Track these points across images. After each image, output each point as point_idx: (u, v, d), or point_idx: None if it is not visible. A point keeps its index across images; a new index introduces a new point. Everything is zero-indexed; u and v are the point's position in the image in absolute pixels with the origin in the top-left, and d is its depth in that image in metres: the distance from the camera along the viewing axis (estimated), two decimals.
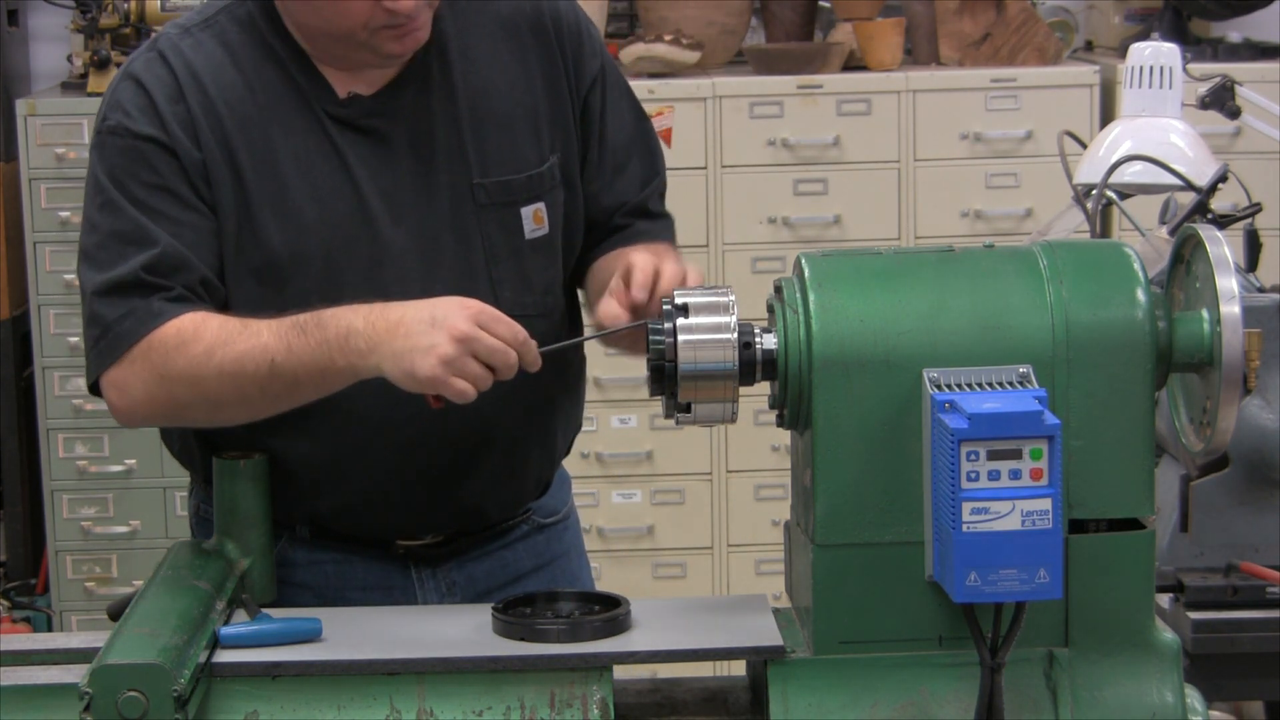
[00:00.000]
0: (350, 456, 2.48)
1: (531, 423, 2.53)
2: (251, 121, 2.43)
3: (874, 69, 5.03)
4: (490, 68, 2.51)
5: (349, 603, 2.50)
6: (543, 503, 2.67)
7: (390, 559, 2.57)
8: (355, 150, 2.45)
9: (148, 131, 2.41)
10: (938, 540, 2.04)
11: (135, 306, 2.36)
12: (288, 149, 2.43)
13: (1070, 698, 2.12)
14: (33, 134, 4.92)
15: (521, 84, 2.52)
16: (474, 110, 2.49)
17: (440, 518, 2.57)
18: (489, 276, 2.48)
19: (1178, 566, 2.78)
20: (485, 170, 2.48)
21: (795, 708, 2.12)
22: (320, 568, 2.56)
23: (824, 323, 2.10)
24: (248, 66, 2.45)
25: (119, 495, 5.01)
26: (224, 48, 2.45)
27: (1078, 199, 3.21)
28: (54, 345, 4.96)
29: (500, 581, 2.61)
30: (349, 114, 2.45)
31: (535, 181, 2.51)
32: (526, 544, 2.65)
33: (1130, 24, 5.35)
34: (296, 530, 2.55)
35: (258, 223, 2.42)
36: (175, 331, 2.35)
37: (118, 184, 2.40)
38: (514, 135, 2.51)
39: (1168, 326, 2.14)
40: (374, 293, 2.37)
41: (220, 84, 2.43)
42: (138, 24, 5.02)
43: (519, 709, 2.14)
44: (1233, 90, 3.44)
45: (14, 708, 2.12)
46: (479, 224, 2.48)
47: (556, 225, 2.54)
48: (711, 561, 4.99)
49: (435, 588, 2.58)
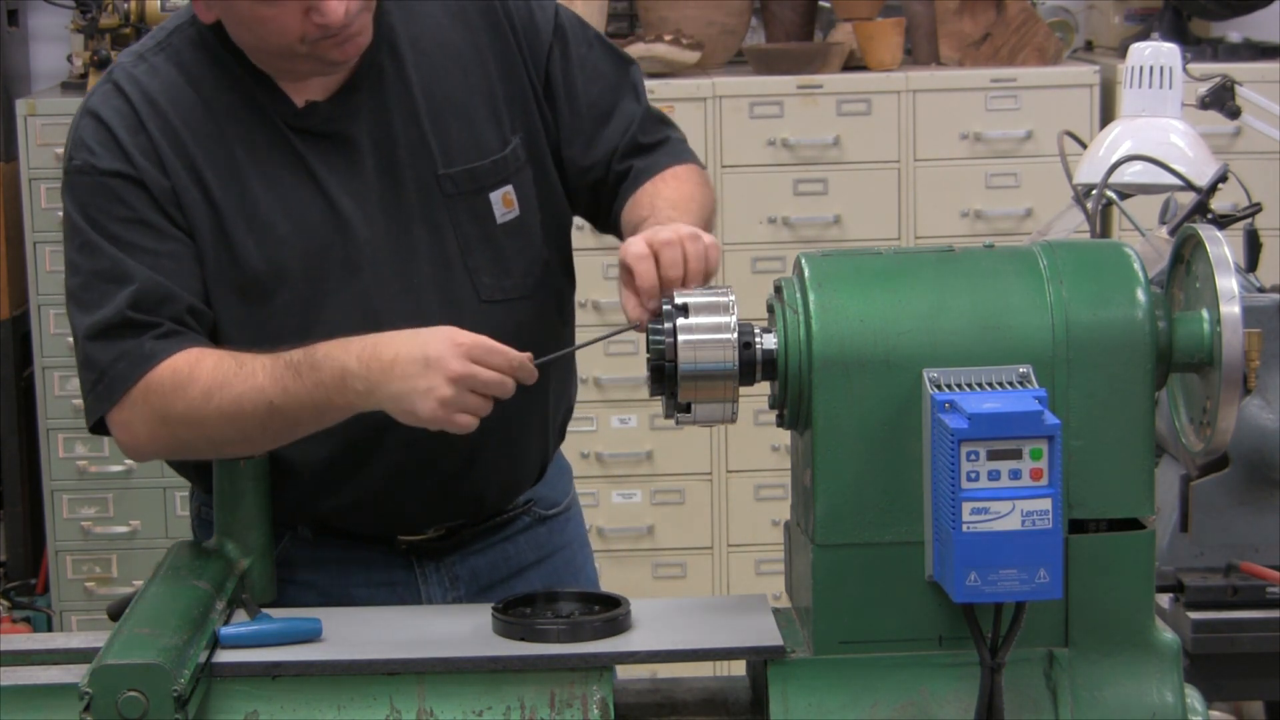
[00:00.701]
0: (351, 455, 2.48)
1: (525, 404, 2.53)
2: (214, 140, 2.43)
3: (874, 69, 5.03)
4: (442, 57, 2.51)
5: (353, 600, 2.51)
6: (543, 493, 2.67)
7: (393, 554, 2.58)
8: (319, 157, 2.45)
9: (113, 166, 2.40)
10: (938, 540, 2.04)
11: (127, 349, 2.36)
12: (252, 164, 2.43)
13: (1070, 698, 2.12)
14: (33, 134, 4.92)
15: (475, 69, 2.52)
16: (431, 101, 2.49)
17: (441, 510, 2.57)
18: (465, 265, 2.49)
19: (1178, 566, 2.78)
20: (449, 160, 2.49)
21: (795, 708, 2.12)
22: (323, 566, 2.56)
23: (824, 323, 2.10)
24: (205, 86, 2.45)
25: (119, 495, 5.01)
26: (179, 69, 2.45)
27: (1078, 199, 3.21)
28: (54, 345, 4.96)
29: (503, 574, 2.61)
30: (309, 122, 2.45)
31: (500, 165, 2.51)
32: (528, 536, 2.66)
33: (1130, 24, 5.35)
34: (299, 530, 2.55)
35: (233, 241, 2.42)
36: (171, 373, 2.35)
37: (92, 223, 2.40)
38: (473, 122, 2.51)
39: (1168, 326, 2.14)
40: (355, 297, 2.40)
41: (179, 106, 2.43)
42: (138, 24, 5.01)
43: (519, 709, 2.14)
44: (1233, 90, 3.44)
45: (14, 708, 2.12)
46: (449, 214, 2.49)
47: (530, 205, 2.54)
48: (711, 561, 4.99)
49: (438, 581, 2.59)
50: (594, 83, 2.58)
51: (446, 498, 2.56)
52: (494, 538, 2.63)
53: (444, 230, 2.49)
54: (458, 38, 2.52)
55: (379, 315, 2.41)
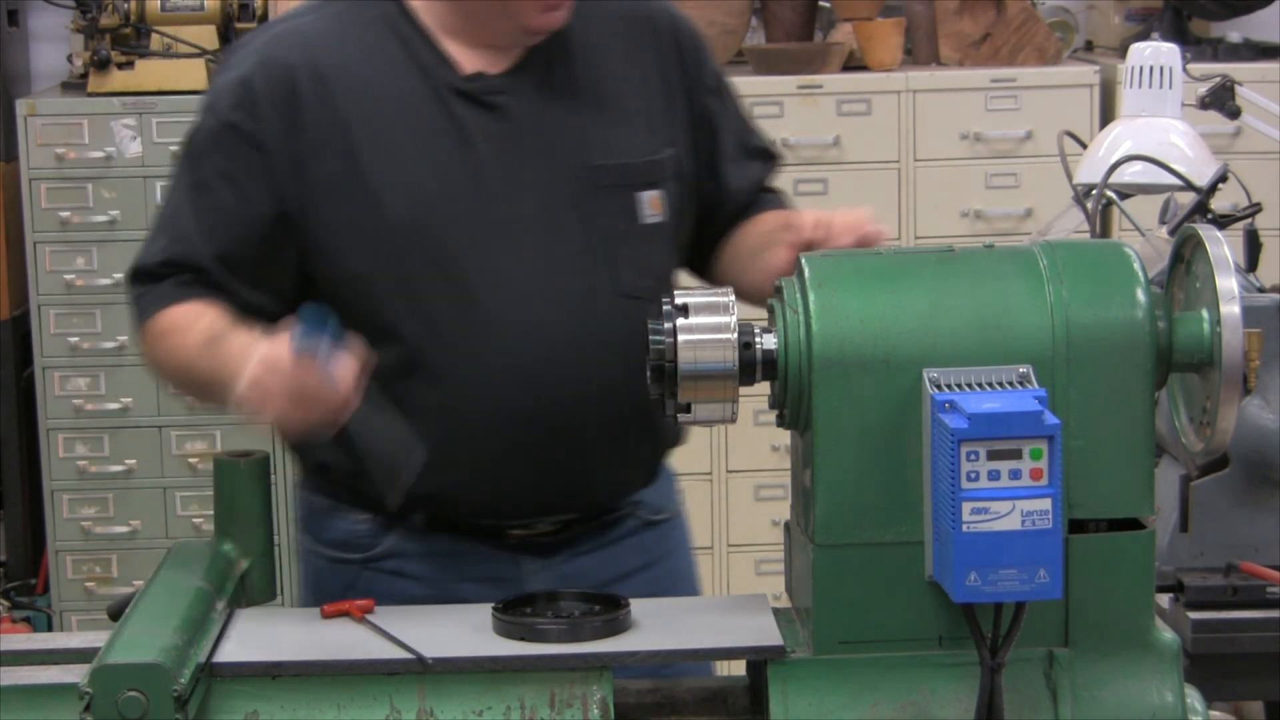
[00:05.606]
0: (463, 427, 2.49)
1: (633, 402, 2.54)
2: (367, 95, 2.48)
3: (874, 69, 5.03)
4: (610, 59, 2.58)
5: (459, 594, 2.52)
6: (650, 498, 2.69)
7: (501, 549, 2.59)
8: (477, 125, 2.50)
9: (233, 118, 2.48)
10: (937, 540, 2.04)
11: (150, 290, 2.51)
12: (407, 123, 2.48)
13: (1070, 698, 2.12)
14: (33, 134, 4.92)
15: (637, 78, 2.58)
16: (594, 96, 2.55)
17: (553, 501, 2.58)
18: (606, 257, 2.52)
19: (1178, 566, 2.78)
20: (605, 152, 2.54)
21: (795, 708, 2.12)
22: (432, 559, 2.58)
23: (824, 323, 2.10)
24: (367, 43, 2.51)
25: (119, 495, 5.01)
26: (344, 25, 2.52)
27: (1078, 199, 3.21)
28: (54, 345, 4.96)
29: (608, 577, 2.61)
30: (474, 89, 2.51)
31: (653, 168, 2.57)
32: (634, 540, 2.67)
33: (1130, 24, 5.36)
34: (410, 519, 2.57)
35: (377, 194, 2.46)
36: (169, 318, 2.49)
37: (191, 163, 2.50)
38: (631, 123, 2.57)
39: (1168, 326, 2.14)
40: (489, 267, 2.44)
41: (335, 60, 2.49)
42: (138, 24, 5.01)
43: (519, 709, 2.14)
44: (1233, 90, 3.44)
45: (14, 708, 2.13)
46: (597, 205, 2.53)
47: (673, 216, 2.59)
48: (711, 561, 4.98)
49: (546, 580, 2.58)
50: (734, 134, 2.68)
51: (554, 489, 2.56)
52: (602, 538, 2.64)
53: (591, 219, 2.52)
54: (629, 46, 2.59)
55: (515, 286, 2.46)
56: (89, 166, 4.91)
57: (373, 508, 2.57)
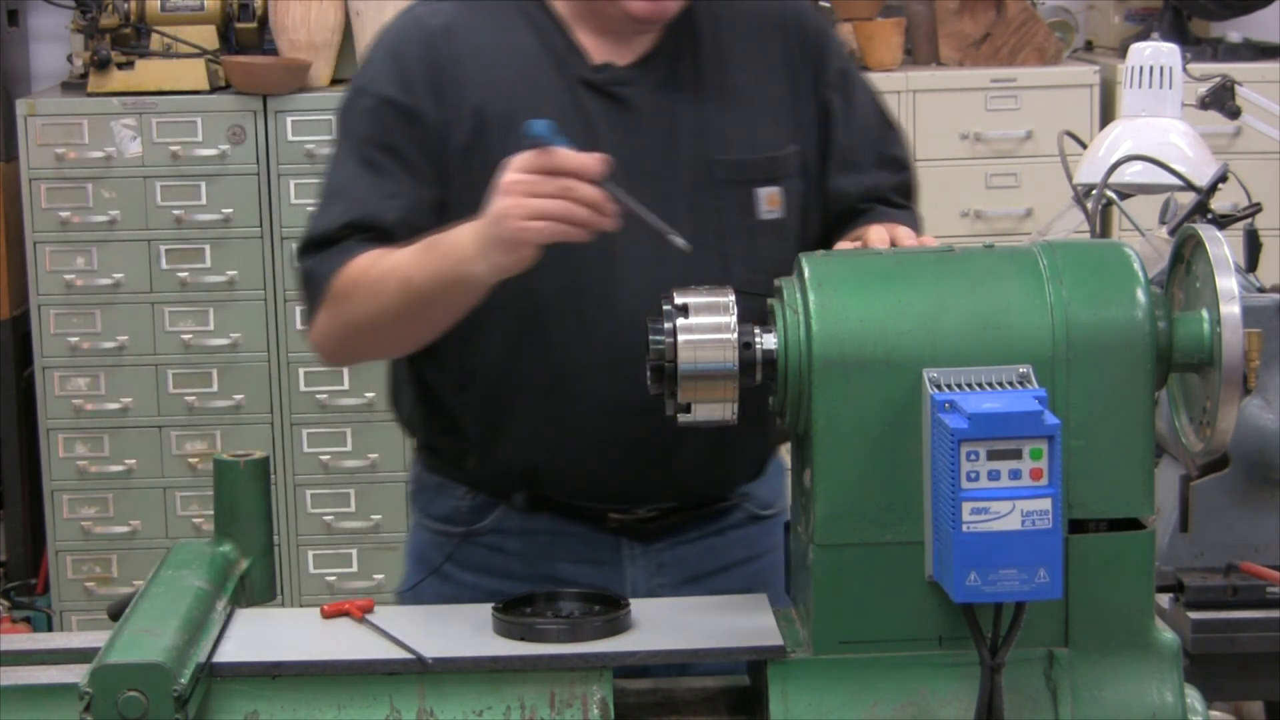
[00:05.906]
0: (568, 410, 2.50)
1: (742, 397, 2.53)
2: (501, 80, 2.52)
3: (874, 69, 5.03)
4: (738, 55, 2.59)
5: (557, 576, 2.52)
6: (758, 491, 2.67)
7: (602, 533, 2.58)
8: (602, 114, 2.52)
9: (388, 93, 2.52)
10: (937, 540, 2.04)
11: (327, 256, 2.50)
12: (533, 108, 2.47)
13: (1070, 698, 2.12)
14: (33, 134, 4.92)
15: (764, 76, 2.60)
16: (719, 92, 2.56)
17: (653, 487, 2.58)
18: (720, 251, 2.52)
19: (1178, 566, 2.78)
20: (726, 147, 2.55)
21: (795, 708, 2.12)
22: (533, 538, 2.58)
23: (824, 323, 2.10)
24: (504, 29, 2.55)
25: (119, 495, 5.01)
26: (482, 8, 2.57)
27: (1078, 199, 3.21)
28: (54, 345, 4.96)
29: (710, 568, 2.61)
30: (601, 79, 2.53)
31: (773, 164, 2.57)
32: (739, 533, 2.65)
33: (1130, 24, 5.36)
34: (513, 499, 2.59)
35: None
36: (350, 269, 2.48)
37: (350, 140, 2.54)
38: (754, 119, 2.58)
39: (1168, 326, 2.14)
40: (603, 255, 2.44)
41: (471, 41, 2.53)
42: (138, 24, 5.02)
43: (519, 709, 2.14)
44: (1233, 90, 3.44)
45: (14, 708, 2.13)
46: (715, 199, 2.54)
47: (794, 213, 2.59)
48: None
49: (645, 565, 2.59)
50: (860, 133, 2.67)
51: (655, 475, 2.56)
52: (705, 528, 2.63)
53: (707, 213, 2.53)
54: (757, 44, 2.60)
55: (625, 274, 2.47)
56: (89, 166, 4.92)
57: (477, 485, 2.60)
